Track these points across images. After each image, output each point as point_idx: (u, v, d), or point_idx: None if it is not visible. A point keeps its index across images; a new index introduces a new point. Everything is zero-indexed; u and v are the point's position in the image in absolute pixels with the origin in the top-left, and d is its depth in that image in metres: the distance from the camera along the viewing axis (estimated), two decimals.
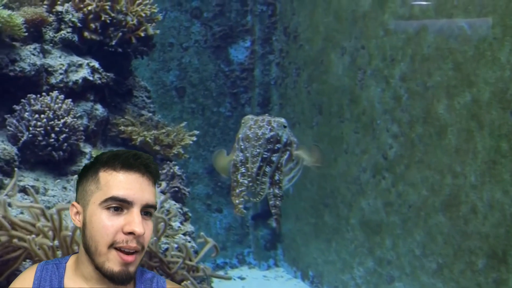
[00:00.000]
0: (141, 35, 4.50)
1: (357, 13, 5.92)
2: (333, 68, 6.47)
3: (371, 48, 5.65)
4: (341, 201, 6.41)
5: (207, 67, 8.29)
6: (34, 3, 4.21)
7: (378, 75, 5.53)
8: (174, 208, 4.01)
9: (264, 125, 2.98)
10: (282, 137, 3.03)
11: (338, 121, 6.39)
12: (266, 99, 8.15)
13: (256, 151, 2.95)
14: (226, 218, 8.38)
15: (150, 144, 4.32)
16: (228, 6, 8.13)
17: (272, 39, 8.08)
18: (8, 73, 3.88)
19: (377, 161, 5.64)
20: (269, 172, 2.99)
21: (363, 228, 5.98)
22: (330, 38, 6.56)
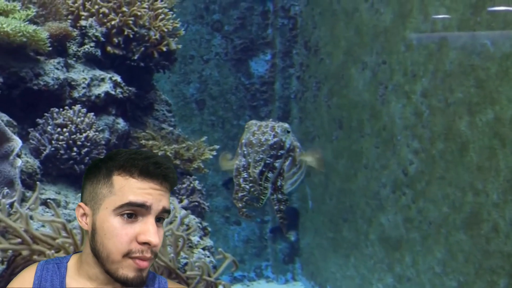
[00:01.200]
0: (163, 49, 4.54)
1: (378, 28, 5.91)
2: (353, 83, 6.45)
3: (392, 63, 5.63)
4: (360, 216, 6.37)
5: (227, 80, 8.32)
6: (59, 18, 4.26)
7: (399, 91, 5.51)
8: (193, 222, 4.01)
9: (267, 131, 2.97)
10: (286, 142, 3.01)
11: (358, 136, 6.36)
12: (286, 113, 8.15)
13: (258, 157, 2.94)
14: (244, 230, 8.36)
15: (171, 158, 4.33)
16: (249, 19, 8.16)
17: (293, 52, 8.09)
18: (32, 87, 3.93)
19: (397, 176, 5.61)
20: (271, 177, 2.97)
21: (382, 244, 5.93)
22: (351, 53, 6.56)
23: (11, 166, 3.32)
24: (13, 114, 3.80)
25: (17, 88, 3.90)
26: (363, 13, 6.24)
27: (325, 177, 7.25)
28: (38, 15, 4.14)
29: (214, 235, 6.27)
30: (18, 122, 3.82)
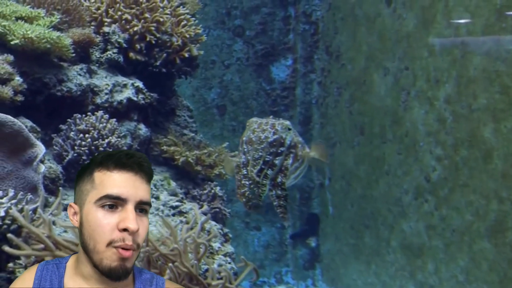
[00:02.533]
0: (185, 55, 4.55)
1: (401, 33, 5.87)
2: (375, 89, 6.41)
3: (415, 69, 5.59)
4: (381, 222, 6.32)
5: (248, 85, 8.32)
6: (82, 24, 4.29)
7: (422, 97, 5.46)
8: (214, 229, 4.00)
9: (267, 129, 2.96)
10: (286, 139, 2.99)
11: (379, 142, 6.32)
12: (307, 118, 8.12)
13: (258, 155, 2.93)
14: (264, 236, 8.35)
15: (192, 165, 4.33)
16: (271, 24, 8.16)
17: (314, 58, 8.07)
18: (55, 93, 3.95)
19: (420, 183, 5.55)
20: (271, 175, 2.96)
21: (404, 251, 5.88)
22: (373, 58, 6.52)
23: (34, 172, 3.33)
24: (36, 120, 3.82)
25: (41, 94, 3.93)
26: (385, 18, 6.20)
27: (346, 183, 7.21)
28: (62, 22, 4.16)
29: (234, 240, 6.26)
30: (41, 128, 3.84)
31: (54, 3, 4.18)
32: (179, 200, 4.05)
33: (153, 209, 3.91)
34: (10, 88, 3.65)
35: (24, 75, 3.81)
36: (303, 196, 8.20)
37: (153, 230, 3.52)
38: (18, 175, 3.35)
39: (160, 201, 4.00)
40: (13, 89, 3.66)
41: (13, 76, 3.70)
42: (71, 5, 4.29)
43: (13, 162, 3.34)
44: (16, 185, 3.31)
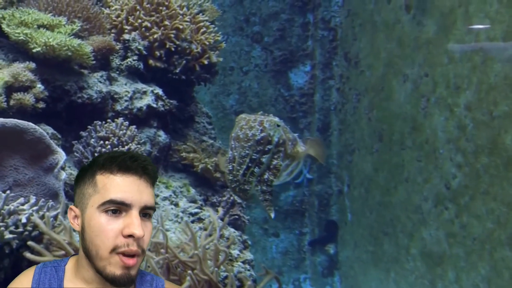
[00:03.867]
0: (205, 63, 4.56)
1: (421, 40, 5.84)
2: (394, 95, 6.38)
3: (435, 76, 5.55)
4: (401, 230, 6.28)
5: (266, 91, 8.32)
6: (103, 32, 4.32)
7: (442, 103, 5.42)
8: (233, 235, 4.00)
9: (255, 126, 2.90)
10: (274, 137, 2.93)
11: (399, 148, 6.28)
12: (326, 125, 8.11)
13: (244, 153, 2.89)
14: (282, 242, 8.33)
15: (211, 171, 4.33)
16: (289, 30, 8.16)
17: (333, 64, 8.05)
18: (76, 100, 3.98)
19: (440, 190, 5.51)
20: (257, 172, 2.93)
21: (424, 259, 5.83)
22: (392, 65, 6.49)
23: (55, 179, 3.36)
24: (57, 127, 3.85)
25: (61, 101, 3.96)
26: (404, 24, 6.18)
27: (365, 190, 7.18)
28: (83, 29, 4.20)
29: (252, 246, 6.26)
30: (62, 134, 3.87)
31: (75, 11, 4.22)
32: (198, 207, 4.06)
33: (172, 216, 3.92)
34: (32, 95, 3.69)
35: (46, 82, 3.85)
36: (322, 202, 8.18)
37: (172, 237, 3.53)
38: (39, 182, 3.37)
39: (179, 208, 4.01)
40: (34, 97, 3.70)
41: (35, 83, 3.74)
42: (91, 13, 4.32)
43: (35, 169, 3.37)
44: (38, 192, 3.34)
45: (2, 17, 3.85)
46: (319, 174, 8.21)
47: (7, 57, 3.90)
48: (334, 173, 8.10)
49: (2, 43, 3.95)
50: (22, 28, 3.81)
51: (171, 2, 4.49)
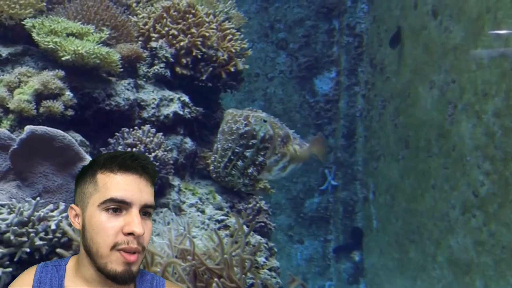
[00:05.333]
0: (231, 70, 4.57)
1: (448, 46, 5.79)
2: (421, 102, 6.34)
3: (463, 82, 5.50)
4: (427, 237, 6.22)
5: (291, 97, 8.32)
6: (130, 40, 4.36)
7: (470, 110, 5.37)
8: (260, 243, 4.00)
9: (240, 120, 2.88)
10: (259, 132, 2.89)
11: (425, 155, 6.23)
12: (351, 131, 8.07)
13: (227, 145, 2.88)
14: (307, 249, 8.31)
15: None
16: (314, 37, 8.16)
17: (358, 70, 8.03)
18: (104, 107, 4.02)
19: (467, 198, 5.45)
20: (240, 166, 2.89)
21: (451, 267, 5.77)
22: (418, 71, 6.45)
23: None
24: (85, 134, 3.89)
25: (90, 108, 4.00)
26: (431, 30, 6.13)
27: (390, 197, 7.13)
28: (111, 37, 4.24)
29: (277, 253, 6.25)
30: (90, 141, 3.91)
31: (103, 19, 4.26)
32: (224, 214, 4.06)
33: (199, 223, 3.93)
34: (61, 103, 3.73)
35: (74, 90, 3.89)
36: (347, 209, 8.14)
37: (199, 244, 3.54)
38: (68, 189, 3.41)
39: (205, 215, 4.02)
40: (63, 104, 3.74)
41: (64, 91, 3.78)
42: (119, 21, 4.37)
43: (63, 176, 3.41)
44: (66, 199, 3.37)
45: (32, 25, 3.90)
46: (344, 180, 8.18)
47: (37, 65, 3.96)
48: (360, 180, 8.06)
49: (32, 51, 4.00)
50: (52, 36, 3.86)
51: (198, 10, 4.52)
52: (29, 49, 4.03)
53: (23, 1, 3.94)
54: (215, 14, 4.77)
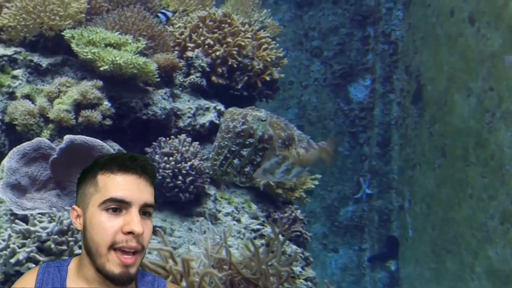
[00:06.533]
0: (267, 79, 4.58)
1: (485, 53, 5.71)
2: (457, 110, 6.25)
3: (501, 90, 5.41)
4: (465, 247, 6.12)
5: (325, 105, 8.30)
6: (166, 49, 4.40)
7: (509, 118, 5.28)
8: (296, 252, 3.99)
9: (238, 118, 2.81)
10: (257, 131, 2.81)
11: (462, 164, 6.14)
12: (386, 139, 8.01)
13: (223, 143, 2.80)
14: (342, 258, 8.25)
15: (273, 187, 4.34)
16: (349, 45, 8.13)
17: (393, 78, 7.96)
18: (141, 117, 4.06)
19: (506, 208, 5.35)
20: (237, 164, 2.82)
21: (490, 278, 5.66)
22: (454, 79, 6.37)
23: None
24: (122, 143, 3.94)
25: (127, 117, 4.04)
26: (468, 38, 6.05)
27: (426, 206, 7.05)
28: (147, 47, 4.29)
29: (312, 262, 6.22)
30: (127, 150, 3.94)
31: (140, 29, 4.32)
32: (260, 223, 4.06)
33: (235, 232, 3.94)
34: (99, 112, 3.78)
35: (112, 99, 3.95)
36: (382, 218, 8.07)
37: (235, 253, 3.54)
38: None
39: (241, 224, 4.02)
40: (101, 114, 3.80)
41: (102, 101, 3.84)
42: (156, 31, 4.41)
43: None
44: None
45: (71, 36, 3.97)
46: (379, 189, 8.11)
47: (76, 75, 4.03)
48: (395, 188, 7.98)
49: (71, 62, 4.08)
50: (90, 47, 3.92)
51: (234, 19, 4.54)
52: (68, 60, 4.10)
53: (63, 12, 4.01)
54: (251, 23, 4.79)
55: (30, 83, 3.95)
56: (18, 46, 4.07)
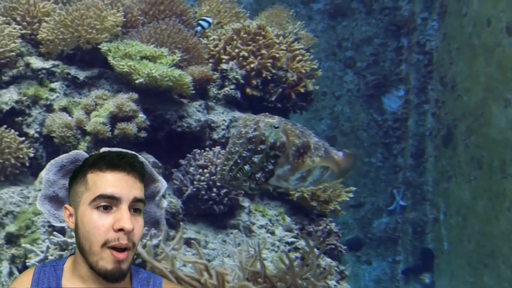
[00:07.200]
0: (301, 91, 4.57)
1: None
2: (494, 121, 6.15)
3: None
4: (503, 261, 6.00)
5: (359, 116, 8.25)
6: (201, 62, 4.42)
7: None
8: (330, 265, 3.95)
9: (250, 124, 2.74)
10: (269, 138, 2.73)
11: (499, 177, 6.03)
12: (420, 150, 7.92)
13: (234, 149, 2.73)
14: (375, 270, 8.17)
15: (307, 200, 4.31)
16: (383, 55, 8.08)
17: (428, 88, 7.88)
18: (176, 129, 4.08)
19: None
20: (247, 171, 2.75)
21: None
22: (491, 89, 6.27)
23: (157, 207, 3.44)
24: (157, 155, 3.96)
25: (162, 130, 4.07)
26: (506, 48, 5.96)
27: (462, 218, 6.94)
28: (182, 59, 4.31)
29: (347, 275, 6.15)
30: (162, 162, 3.97)
31: (175, 42, 4.34)
32: (294, 236, 4.04)
33: (269, 245, 3.92)
34: (134, 124, 3.81)
35: (147, 111, 3.97)
36: (416, 230, 7.97)
37: (269, 266, 3.52)
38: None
39: (275, 237, 4.01)
40: (137, 126, 3.82)
41: (137, 113, 3.86)
42: (190, 44, 4.44)
43: None
44: None
45: (108, 49, 4.01)
46: (413, 201, 8.02)
47: (112, 88, 4.07)
48: (429, 200, 7.88)
49: (108, 74, 4.12)
50: (126, 60, 3.96)
51: (268, 32, 4.54)
52: (105, 72, 4.14)
53: (100, 26, 4.06)
54: (285, 35, 4.78)
55: (67, 95, 4.00)
56: (56, 59, 4.13)
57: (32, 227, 3.47)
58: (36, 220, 3.48)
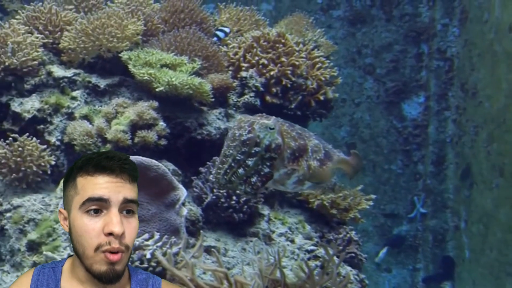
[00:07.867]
0: (321, 98, 4.56)
1: None
2: None
3: None
4: None
5: (378, 123, 8.21)
6: (220, 69, 4.43)
7: None
8: (350, 274, 3.93)
9: (244, 126, 2.67)
10: (264, 140, 2.65)
11: None
12: (441, 158, 7.85)
13: (228, 152, 2.67)
14: (395, 278, 8.11)
15: (327, 208, 4.29)
16: (403, 62, 8.04)
17: (448, 95, 7.83)
18: (196, 137, 4.09)
19: None
20: (242, 174, 2.68)
21: None
22: None
23: (176, 215, 3.45)
24: (177, 162, 3.97)
25: (182, 137, 4.08)
26: None
27: (484, 226, 6.86)
28: (202, 67, 4.33)
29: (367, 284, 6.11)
30: (182, 170, 3.98)
31: (195, 50, 4.36)
32: (314, 244, 4.02)
33: (289, 253, 3.91)
34: (155, 132, 3.83)
35: (167, 119, 3.99)
36: (437, 238, 7.90)
37: (288, 274, 3.51)
38: (161, 218, 3.48)
39: (295, 245, 4.00)
40: (157, 134, 3.84)
41: (157, 121, 3.88)
42: (210, 51, 4.45)
43: (157, 205, 3.48)
44: (160, 228, 3.44)
45: (128, 58, 4.04)
46: (434, 208, 7.95)
47: (132, 96, 4.09)
48: (450, 208, 7.81)
49: (128, 82, 4.15)
50: (147, 68, 3.98)
51: (288, 39, 4.54)
52: (125, 80, 4.17)
53: (120, 34, 4.09)
54: (305, 43, 4.78)
55: (88, 104, 4.03)
56: (77, 67, 4.17)
57: (53, 234, 3.50)
58: (57, 228, 3.51)
